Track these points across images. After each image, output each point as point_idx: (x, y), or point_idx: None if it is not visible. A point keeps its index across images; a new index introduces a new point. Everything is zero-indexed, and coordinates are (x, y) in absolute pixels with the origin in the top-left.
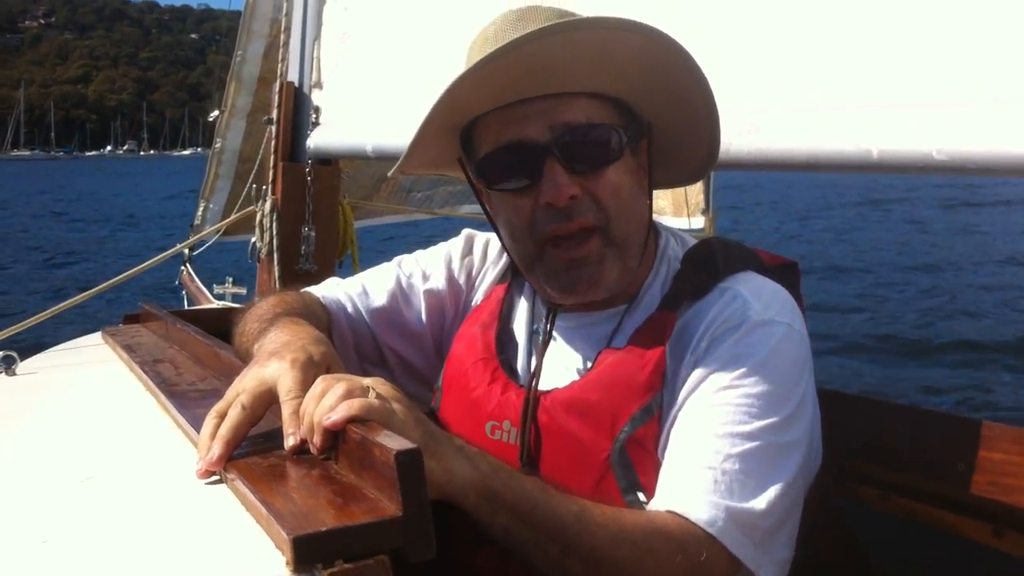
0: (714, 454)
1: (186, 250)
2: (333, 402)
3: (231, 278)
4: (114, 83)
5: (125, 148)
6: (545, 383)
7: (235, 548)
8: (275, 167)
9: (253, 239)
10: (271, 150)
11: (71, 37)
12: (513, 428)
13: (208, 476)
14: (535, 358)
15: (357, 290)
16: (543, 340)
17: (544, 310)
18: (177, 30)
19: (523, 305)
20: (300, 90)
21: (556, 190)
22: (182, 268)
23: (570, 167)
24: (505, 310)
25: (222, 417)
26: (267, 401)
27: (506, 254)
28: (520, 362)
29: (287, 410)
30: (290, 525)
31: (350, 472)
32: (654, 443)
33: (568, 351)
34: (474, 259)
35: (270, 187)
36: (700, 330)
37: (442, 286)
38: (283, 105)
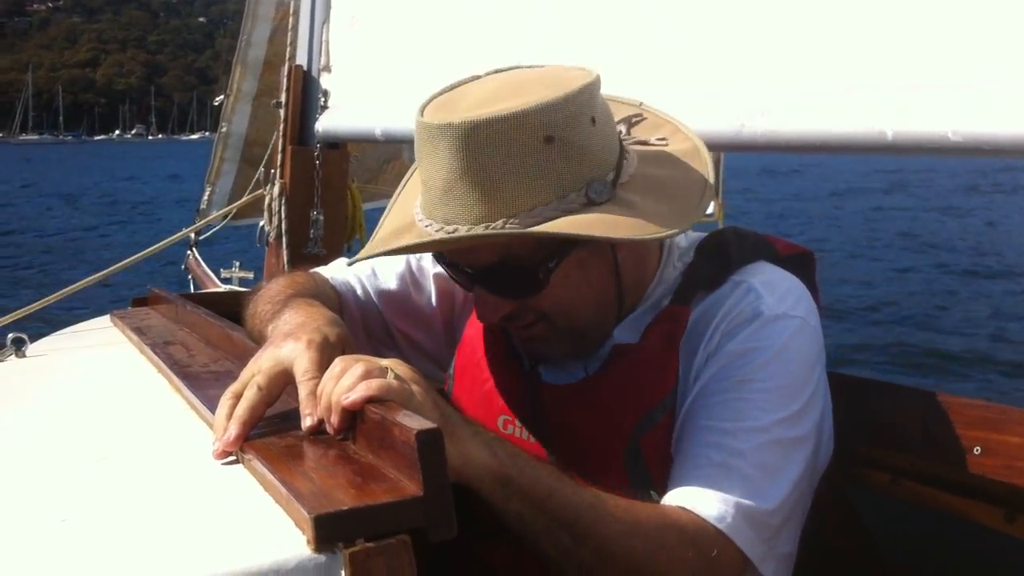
0: (725, 449)
1: (192, 235)
2: (351, 382)
3: (238, 262)
4: (122, 67)
5: (133, 132)
6: (554, 377)
7: (254, 527)
8: (283, 151)
9: (261, 223)
10: (279, 134)
11: (79, 20)
12: (526, 422)
13: (225, 456)
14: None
15: (367, 272)
16: None
17: None
18: (185, 13)
19: None
20: (309, 74)
21: (485, 314)
22: (188, 253)
23: (496, 294)
24: None
25: (238, 398)
26: (283, 382)
27: None
28: None
29: (304, 391)
30: (310, 504)
31: (368, 452)
32: (667, 440)
33: None
34: None
35: (278, 171)
36: (713, 324)
37: None
38: (292, 89)
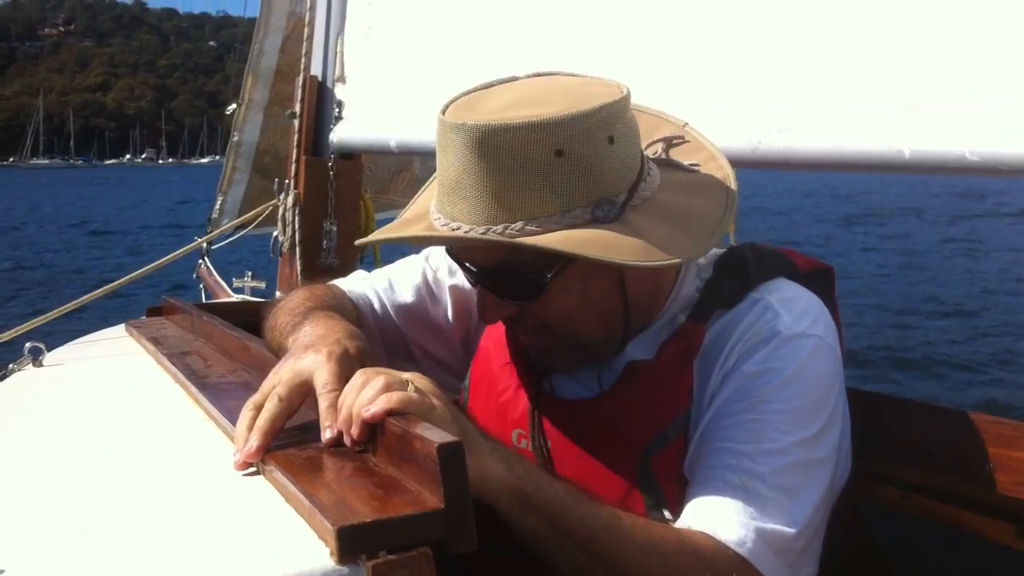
0: (743, 472)
1: (204, 244)
2: (372, 395)
3: (250, 272)
4: (133, 91)
5: (144, 157)
6: (567, 391)
7: (277, 539)
8: (298, 161)
9: (275, 233)
10: (293, 144)
11: (90, 45)
12: (539, 437)
13: (246, 468)
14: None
15: (383, 285)
16: None
17: None
18: (196, 37)
19: None
20: (323, 84)
21: (486, 314)
22: (200, 262)
23: (497, 295)
24: None
25: (258, 409)
26: (303, 393)
27: None
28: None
29: (324, 403)
30: (334, 516)
31: (389, 464)
32: (681, 460)
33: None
34: None
35: (292, 181)
36: (730, 344)
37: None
38: (306, 99)
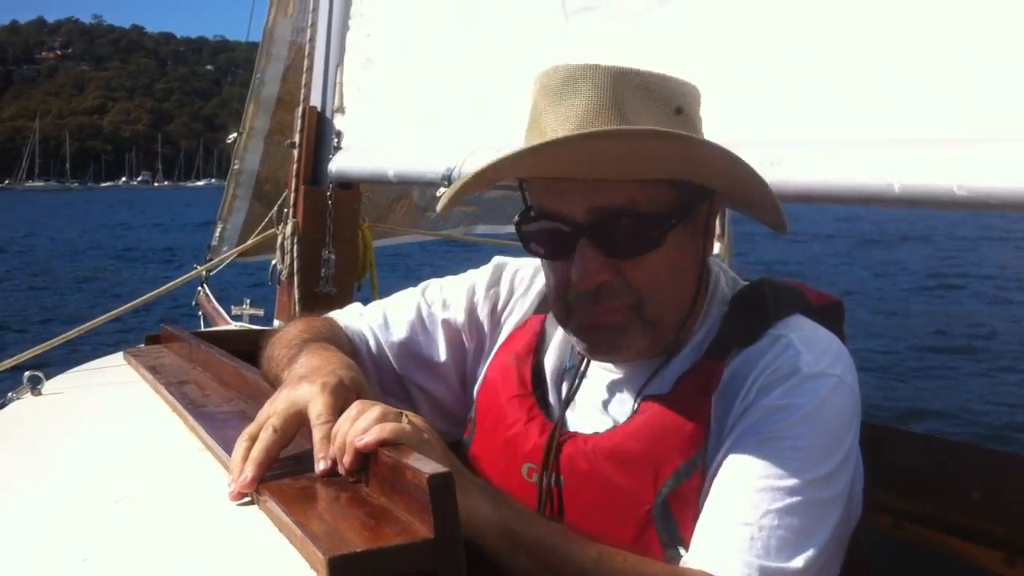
0: (752, 509)
1: (203, 271)
2: (366, 424)
3: (248, 300)
4: (129, 114)
5: (139, 179)
6: (581, 425)
7: (270, 568)
8: (296, 190)
9: (274, 262)
10: (292, 173)
11: (87, 68)
12: (550, 473)
13: (241, 498)
14: (564, 398)
15: (378, 322)
16: (574, 381)
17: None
18: (193, 61)
19: (559, 337)
20: (323, 114)
21: (585, 275)
22: (199, 289)
23: (603, 250)
24: (541, 342)
25: (254, 440)
26: (297, 423)
27: (539, 281)
28: (554, 399)
29: (318, 434)
30: (325, 546)
31: (381, 495)
32: (697, 497)
33: (604, 393)
34: (500, 291)
35: (291, 210)
36: (750, 380)
37: (461, 317)
38: (306, 129)
